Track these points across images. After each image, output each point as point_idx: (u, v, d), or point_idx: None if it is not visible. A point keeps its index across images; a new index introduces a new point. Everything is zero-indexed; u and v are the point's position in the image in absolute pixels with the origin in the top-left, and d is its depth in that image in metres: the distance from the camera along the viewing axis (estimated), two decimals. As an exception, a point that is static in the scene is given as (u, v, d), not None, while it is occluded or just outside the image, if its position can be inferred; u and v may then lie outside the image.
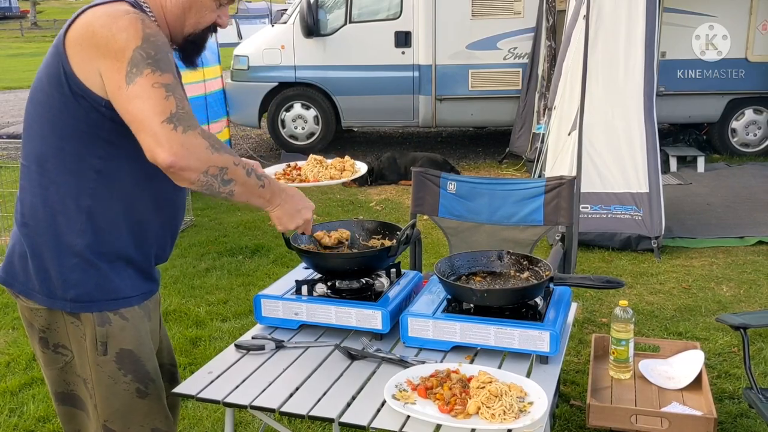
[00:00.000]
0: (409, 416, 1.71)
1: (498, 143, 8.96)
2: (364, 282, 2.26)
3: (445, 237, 3.49)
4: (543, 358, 1.97)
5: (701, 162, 7.53)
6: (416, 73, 8.29)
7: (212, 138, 1.63)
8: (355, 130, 10.10)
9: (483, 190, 3.38)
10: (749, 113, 8.00)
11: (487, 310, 2.05)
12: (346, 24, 8.35)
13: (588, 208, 5.16)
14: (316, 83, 8.51)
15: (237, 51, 8.78)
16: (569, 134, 5.32)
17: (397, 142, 9.81)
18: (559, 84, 5.74)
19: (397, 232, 2.31)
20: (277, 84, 8.57)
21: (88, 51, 1.60)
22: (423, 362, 1.94)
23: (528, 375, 1.90)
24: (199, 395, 1.87)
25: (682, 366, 2.77)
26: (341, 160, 2.31)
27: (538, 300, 2.12)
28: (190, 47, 1.84)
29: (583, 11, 5.23)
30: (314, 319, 2.16)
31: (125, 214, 1.76)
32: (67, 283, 1.74)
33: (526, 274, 2.20)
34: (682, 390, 2.68)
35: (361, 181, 7.35)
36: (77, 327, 1.78)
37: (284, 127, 8.69)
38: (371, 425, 1.71)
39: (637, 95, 5.14)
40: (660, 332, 3.95)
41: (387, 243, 2.33)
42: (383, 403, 1.77)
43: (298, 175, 2.22)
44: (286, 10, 10.03)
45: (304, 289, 2.22)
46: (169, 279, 4.85)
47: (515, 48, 8.08)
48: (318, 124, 8.65)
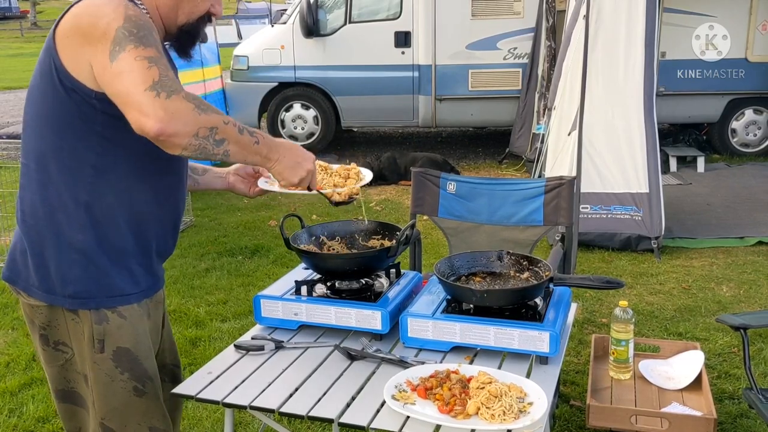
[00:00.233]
0: (408, 417, 1.71)
1: (498, 143, 8.96)
2: (364, 282, 2.26)
3: (444, 237, 3.48)
4: (543, 359, 1.97)
5: (701, 162, 7.54)
6: (416, 73, 8.29)
7: (197, 100, 1.59)
8: (355, 130, 10.10)
9: (483, 191, 3.38)
10: (749, 113, 8.00)
11: (487, 310, 2.04)
12: (345, 24, 8.34)
13: (588, 208, 5.16)
14: (316, 83, 8.50)
15: (237, 51, 8.78)
16: (569, 134, 5.31)
17: (397, 142, 9.81)
18: (559, 84, 5.74)
19: (397, 233, 2.31)
20: (276, 84, 8.56)
21: (75, 41, 1.61)
22: (423, 363, 1.94)
23: (528, 375, 1.90)
24: (199, 395, 1.87)
25: (682, 366, 2.76)
26: (347, 168, 2.25)
27: (538, 300, 2.12)
28: (185, 37, 1.83)
29: (583, 11, 5.22)
30: (314, 320, 2.16)
31: (123, 209, 1.76)
32: (66, 279, 1.74)
33: (525, 274, 2.20)
34: (682, 390, 2.67)
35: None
36: (77, 324, 1.79)
37: (284, 128, 8.68)
38: (371, 426, 1.71)
39: (637, 95, 5.14)
40: (660, 333, 3.94)
41: (387, 243, 2.32)
42: (383, 403, 1.77)
43: None
44: (285, 10, 10.04)
45: (304, 289, 2.22)
46: (168, 279, 4.83)
47: (515, 48, 8.08)
48: (318, 124, 8.65)
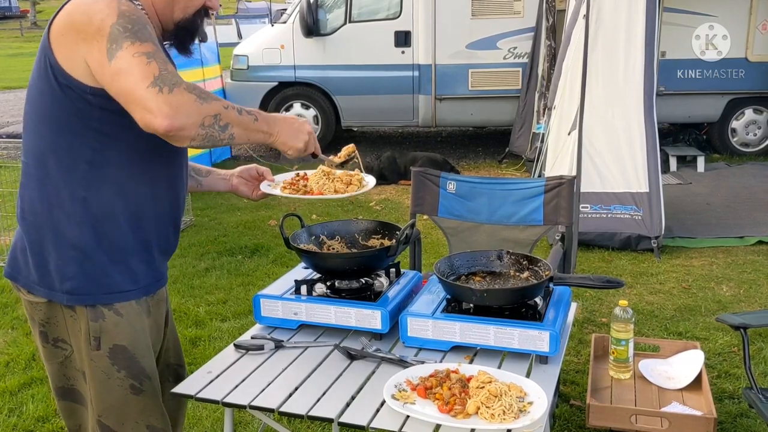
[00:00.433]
0: (408, 416, 1.70)
1: (498, 143, 8.96)
2: (364, 282, 2.25)
3: (444, 237, 3.48)
4: (543, 358, 1.97)
5: (701, 162, 7.53)
6: (416, 73, 8.29)
7: (197, 89, 1.62)
8: (355, 129, 10.09)
9: (483, 190, 3.38)
10: (749, 113, 8.00)
11: (487, 310, 2.04)
12: (345, 24, 8.34)
13: (588, 207, 5.15)
14: (316, 83, 8.51)
15: (237, 51, 8.78)
16: (569, 134, 5.31)
17: (397, 141, 9.81)
18: (559, 84, 5.74)
19: (397, 232, 2.31)
20: (276, 84, 8.57)
21: (69, 39, 1.61)
22: (422, 362, 1.94)
23: (528, 375, 1.90)
24: (199, 395, 1.87)
25: (682, 366, 2.76)
26: (350, 174, 2.24)
27: (538, 300, 2.11)
28: (183, 33, 1.84)
29: (583, 11, 5.22)
30: (313, 319, 2.16)
31: (122, 204, 1.76)
32: (64, 276, 1.75)
33: (525, 273, 2.20)
34: (682, 390, 2.67)
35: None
36: (75, 320, 1.79)
37: (284, 127, 8.67)
38: (371, 425, 1.71)
39: (637, 95, 5.14)
40: (660, 332, 3.94)
41: (386, 243, 2.32)
42: (383, 403, 1.76)
43: (304, 186, 2.20)
44: (285, 9, 10.04)
45: (304, 288, 2.21)
46: (168, 279, 4.80)
47: (515, 48, 8.08)
48: (318, 123, 8.65)
